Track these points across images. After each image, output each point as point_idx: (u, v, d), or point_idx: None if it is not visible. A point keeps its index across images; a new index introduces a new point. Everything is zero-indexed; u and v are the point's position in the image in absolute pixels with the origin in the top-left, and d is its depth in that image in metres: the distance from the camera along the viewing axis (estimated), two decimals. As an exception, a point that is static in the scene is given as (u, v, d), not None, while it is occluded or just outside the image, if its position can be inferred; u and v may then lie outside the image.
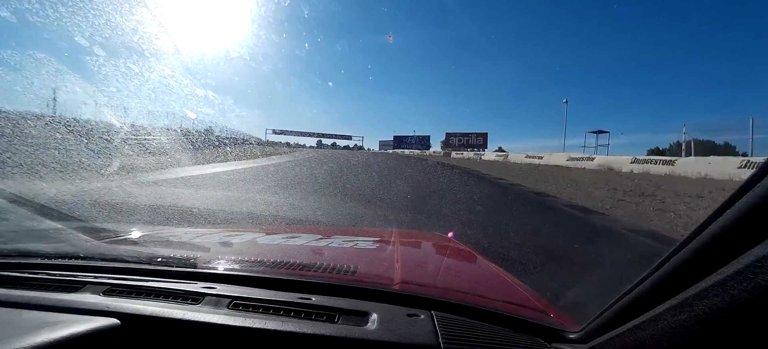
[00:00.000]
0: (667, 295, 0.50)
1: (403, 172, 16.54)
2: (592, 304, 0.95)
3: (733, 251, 0.42)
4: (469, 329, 0.78)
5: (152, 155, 12.52)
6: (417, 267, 1.43)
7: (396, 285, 1.00)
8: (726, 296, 0.41)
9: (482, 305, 0.91)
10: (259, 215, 5.38)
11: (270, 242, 1.56)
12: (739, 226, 0.43)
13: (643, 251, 4.50)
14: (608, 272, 3.60)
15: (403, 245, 1.71)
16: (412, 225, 5.32)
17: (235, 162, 18.04)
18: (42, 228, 1.44)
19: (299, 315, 0.80)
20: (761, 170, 0.43)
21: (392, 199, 7.89)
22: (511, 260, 3.64)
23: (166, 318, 0.76)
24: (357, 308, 0.83)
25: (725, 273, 0.42)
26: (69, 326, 0.69)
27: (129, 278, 0.94)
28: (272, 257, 1.16)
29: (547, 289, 2.84)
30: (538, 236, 5.25)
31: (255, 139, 48.29)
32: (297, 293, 0.88)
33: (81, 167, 7.87)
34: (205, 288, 0.89)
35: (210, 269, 1.02)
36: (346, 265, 1.11)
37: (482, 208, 7.70)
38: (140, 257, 1.08)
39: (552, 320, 0.90)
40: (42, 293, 0.86)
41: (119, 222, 4.52)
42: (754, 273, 0.38)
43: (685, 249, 0.50)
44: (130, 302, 0.82)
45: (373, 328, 0.75)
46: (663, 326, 0.49)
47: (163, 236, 1.74)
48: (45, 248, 1.14)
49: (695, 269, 0.48)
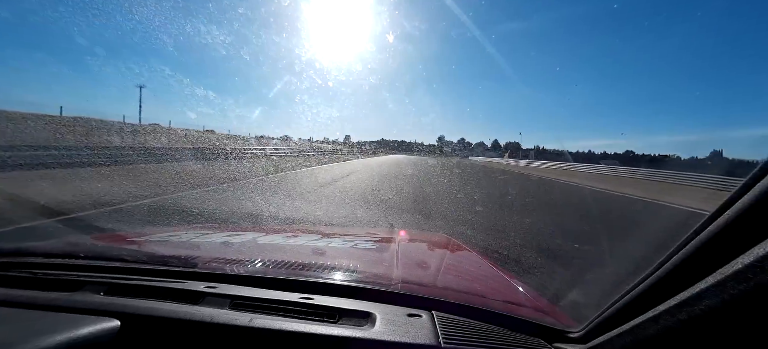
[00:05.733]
0: (667, 295, 0.50)
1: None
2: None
3: (732, 251, 0.42)
4: (469, 329, 0.78)
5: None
6: (417, 267, 1.43)
7: (396, 285, 1.00)
8: (726, 296, 0.41)
9: (482, 305, 0.91)
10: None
11: (270, 242, 1.56)
12: (738, 226, 0.43)
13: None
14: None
15: (403, 245, 1.71)
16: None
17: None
18: (42, 227, 1.44)
19: (300, 315, 0.80)
20: (761, 170, 0.43)
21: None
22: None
23: (167, 317, 0.76)
24: (358, 308, 0.83)
25: (725, 273, 0.42)
26: (69, 326, 0.69)
27: (129, 278, 0.94)
28: (273, 257, 1.16)
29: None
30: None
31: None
32: (298, 292, 0.88)
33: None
34: (206, 288, 0.89)
35: (210, 268, 1.02)
36: (346, 265, 1.11)
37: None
38: (140, 257, 1.07)
39: (552, 320, 0.91)
40: (42, 293, 0.86)
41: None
42: (753, 273, 0.38)
43: (685, 249, 0.51)
44: (130, 301, 0.82)
45: (374, 328, 0.76)
46: (663, 326, 0.49)
47: (163, 236, 1.74)
48: (45, 247, 1.14)
49: (695, 269, 0.48)
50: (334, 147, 44.39)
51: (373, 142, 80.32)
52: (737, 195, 0.45)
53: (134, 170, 10.57)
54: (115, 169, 10.53)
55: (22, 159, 9.15)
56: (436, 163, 30.73)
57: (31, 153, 9.87)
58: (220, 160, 16.53)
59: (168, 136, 20.91)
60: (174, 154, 15.85)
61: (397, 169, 20.37)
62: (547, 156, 58.02)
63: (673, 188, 18.22)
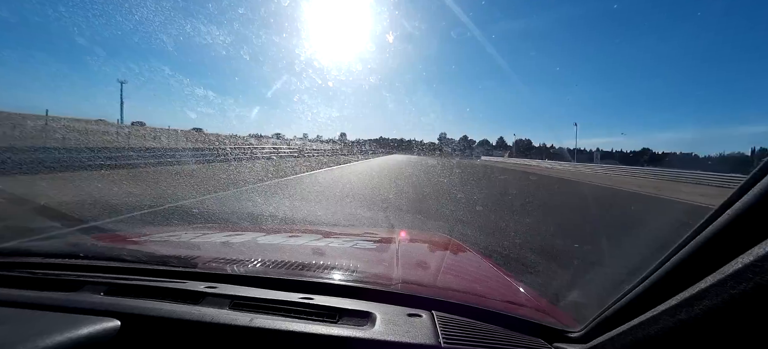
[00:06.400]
0: (667, 295, 0.50)
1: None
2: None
3: (732, 251, 0.42)
4: (469, 329, 0.78)
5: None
6: (417, 267, 1.43)
7: (397, 285, 1.00)
8: (725, 296, 0.41)
9: (483, 305, 0.91)
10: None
11: (270, 242, 1.56)
12: (738, 226, 0.43)
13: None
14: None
15: (403, 245, 1.72)
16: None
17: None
18: (42, 227, 1.44)
19: (300, 315, 0.80)
20: (760, 171, 0.43)
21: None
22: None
23: (167, 317, 0.76)
24: (358, 308, 0.83)
25: (725, 273, 0.42)
26: (69, 326, 0.69)
27: (129, 278, 0.94)
28: (273, 257, 1.16)
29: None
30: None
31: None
32: (298, 292, 0.88)
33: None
34: (206, 288, 0.89)
35: (211, 268, 1.02)
36: (346, 265, 1.11)
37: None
38: (140, 257, 1.07)
39: (552, 320, 0.91)
40: (42, 293, 0.86)
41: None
42: (753, 273, 0.38)
43: (685, 249, 0.51)
44: (130, 301, 0.82)
45: (374, 328, 0.76)
46: (663, 325, 0.49)
47: (163, 236, 1.74)
48: (45, 247, 1.14)
49: (695, 269, 0.48)
50: (320, 147, 41.44)
51: (371, 141, 76.93)
52: (737, 195, 0.45)
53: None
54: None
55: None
56: (445, 169, 21.43)
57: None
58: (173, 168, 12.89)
59: (144, 137, 19.05)
60: (137, 156, 13.69)
61: (394, 184, 11.76)
62: (560, 156, 52.69)
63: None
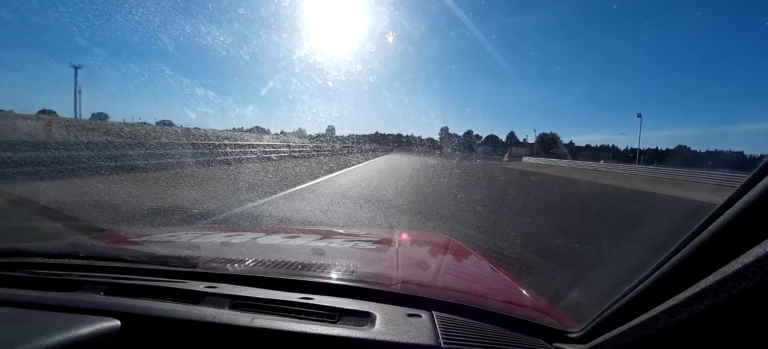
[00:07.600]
0: (667, 295, 0.51)
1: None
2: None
3: (733, 251, 0.42)
4: (469, 330, 0.78)
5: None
6: (417, 267, 1.43)
7: (396, 285, 1.00)
8: (726, 296, 0.41)
9: (482, 306, 0.91)
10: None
11: (270, 242, 1.56)
12: (738, 226, 0.43)
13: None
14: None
15: (403, 245, 1.72)
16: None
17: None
18: (42, 227, 1.44)
19: (300, 315, 0.80)
20: (761, 170, 0.43)
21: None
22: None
23: (167, 317, 0.76)
24: (358, 308, 0.83)
25: (725, 273, 0.42)
26: (69, 326, 0.69)
27: (129, 278, 0.94)
28: (273, 257, 1.16)
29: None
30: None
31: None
32: (298, 292, 0.88)
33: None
34: (206, 288, 0.88)
35: (211, 268, 1.02)
36: (346, 265, 1.11)
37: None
38: (140, 257, 1.07)
39: (552, 320, 0.90)
40: (42, 293, 0.86)
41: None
42: (753, 273, 0.38)
43: (685, 249, 0.51)
44: (130, 301, 0.82)
45: (374, 328, 0.76)
46: (663, 326, 0.49)
47: (163, 236, 1.74)
48: (45, 247, 1.14)
49: (695, 269, 0.48)
50: (297, 145, 27.99)
51: (365, 136, 65.47)
52: (737, 195, 0.44)
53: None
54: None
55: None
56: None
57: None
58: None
59: (98, 133, 15.81)
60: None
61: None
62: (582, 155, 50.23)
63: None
